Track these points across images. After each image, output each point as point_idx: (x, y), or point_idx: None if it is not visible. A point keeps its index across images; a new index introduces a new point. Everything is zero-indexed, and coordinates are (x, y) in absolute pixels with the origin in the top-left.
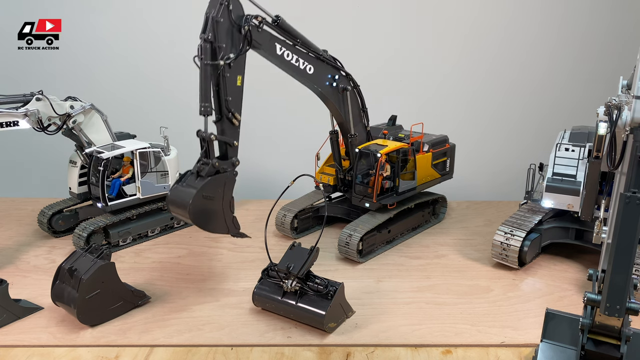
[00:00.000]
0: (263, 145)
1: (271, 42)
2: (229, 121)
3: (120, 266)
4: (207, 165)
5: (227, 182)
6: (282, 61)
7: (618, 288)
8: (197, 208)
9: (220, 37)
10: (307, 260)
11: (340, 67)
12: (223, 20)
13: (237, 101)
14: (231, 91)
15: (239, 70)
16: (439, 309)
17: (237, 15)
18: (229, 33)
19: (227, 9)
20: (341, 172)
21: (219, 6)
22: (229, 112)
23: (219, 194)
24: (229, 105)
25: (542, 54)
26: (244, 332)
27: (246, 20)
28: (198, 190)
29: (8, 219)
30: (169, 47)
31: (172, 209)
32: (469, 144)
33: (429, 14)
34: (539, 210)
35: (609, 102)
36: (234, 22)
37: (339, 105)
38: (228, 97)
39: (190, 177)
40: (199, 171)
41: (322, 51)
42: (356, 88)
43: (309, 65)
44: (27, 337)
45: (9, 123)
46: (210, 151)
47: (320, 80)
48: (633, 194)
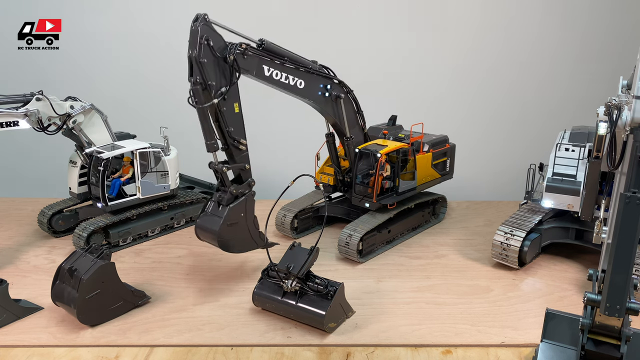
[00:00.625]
0: (263, 145)
1: (259, 65)
2: (236, 148)
3: (120, 266)
4: (226, 194)
5: (248, 204)
6: (271, 81)
7: (618, 288)
8: (225, 237)
9: (208, 76)
10: (307, 260)
11: (331, 76)
12: (207, 60)
13: (239, 128)
14: (231, 121)
15: (234, 99)
16: (439, 309)
17: (219, 47)
18: (216, 68)
19: (208, 47)
20: (340, 174)
21: (200, 46)
22: (234, 140)
23: (243, 218)
24: (232, 135)
25: (543, 54)
26: (244, 332)
27: (230, 50)
28: (223, 220)
29: (8, 219)
30: (168, 46)
31: (201, 236)
32: (469, 144)
33: (430, 14)
34: (539, 210)
35: (609, 102)
36: (219, 55)
37: (334, 113)
38: (230, 128)
39: (213, 206)
40: (220, 201)
41: (312, 62)
42: (350, 93)
43: (299, 80)
44: (27, 337)
45: (9, 123)
46: (226, 180)
47: (312, 92)
48: (633, 194)
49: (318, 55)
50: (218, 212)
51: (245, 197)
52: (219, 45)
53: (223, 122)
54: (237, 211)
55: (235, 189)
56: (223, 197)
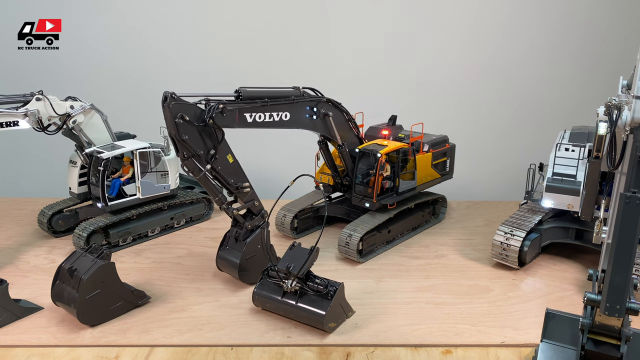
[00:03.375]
0: (263, 145)
1: (240, 115)
2: (241, 192)
3: (120, 266)
4: (242, 229)
5: (263, 234)
6: (256, 125)
7: (618, 288)
8: (245, 269)
9: (195, 147)
10: (307, 260)
11: (318, 98)
12: (189, 135)
13: (239, 175)
14: (229, 173)
15: (225, 152)
16: (439, 309)
17: (195, 116)
18: (199, 137)
19: (184, 123)
20: (338, 177)
21: (177, 125)
22: (236, 188)
23: (260, 250)
24: (234, 185)
25: (542, 54)
26: (244, 332)
27: (208, 114)
28: (242, 255)
29: (8, 219)
30: (168, 46)
31: (222, 268)
32: (469, 144)
33: (430, 14)
34: (539, 210)
35: (609, 102)
36: (198, 124)
37: (325, 130)
38: (230, 180)
39: (230, 241)
40: (237, 237)
41: (294, 89)
42: (338, 107)
43: (284, 113)
44: (27, 337)
45: (9, 123)
46: (238, 218)
47: (300, 119)
48: (633, 194)
49: (317, 55)
50: (236, 247)
51: (260, 229)
52: (194, 114)
53: (222, 178)
54: (254, 244)
55: (250, 224)
56: (240, 233)
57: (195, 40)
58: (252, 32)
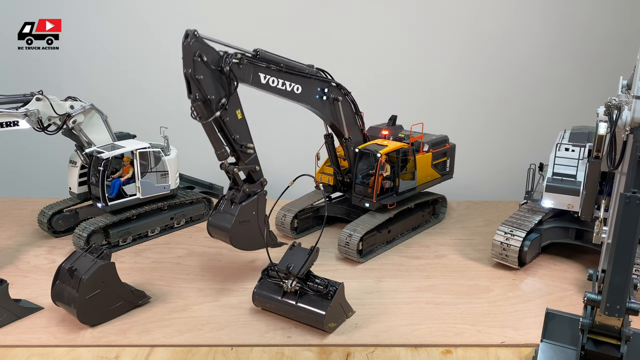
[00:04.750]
0: (263, 145)
1: (255, 73)
2: (244, 153)
3: (120, 266)
4: (238, 192)
5: (260, 203)
6: (268, 88)
7: (618, 288)
8: (237, 234)
9: (207, 91)
10: (307, 260)
11: (329, 80)
12: (204, 76)
13: (245, 133)
14: (235, 128)
15: (235, 106)
16: (439, 309)
17: (213, 60)
18: (213, 81)
19: (202, 63)
20: (340, 175)
21: (194, 63)
22: (241, 146)
23: (254, 216)
24: (239, 142)
25: (542, 54)
26: (244, 332)
27: (225, 61)
28: (235, 217)
29: (8, 219)
30: (168, 46)
31: (213, 233)
32: (469, 144)
33: (430, 14)
34: (539, 210)
35: (609, 102)
36: (214, 68)
37: (332, 116)
38: (235, 136)
39: (225, 204)
40: (233, 199)
41: (308, 67)
42: (348, 95)
43: (296, 85)
44: (27, 337)
45: (9, 123)
46: (238, 180)
47: (310, 97)
48: (633, 194)
49: (317, 55)
50: (230, 210)
51: (257, 195)
52: (212, 58)
53: (228, 131)
54: (249, 209)
55: (248, 188)
56: (236, 195)
57: None
58: (253, 32)
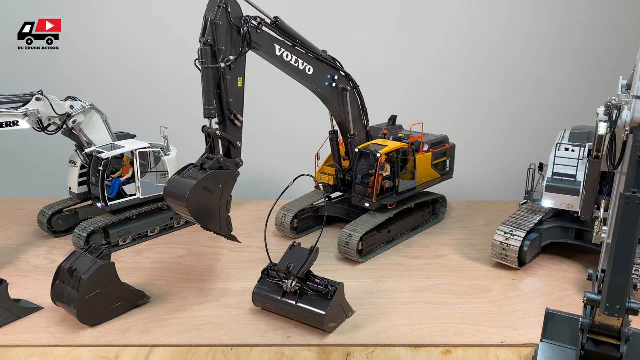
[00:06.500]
0: (263, 145)
1: (270, 43)
2: (232, 123)
3: (120, 266)
4: (211, 160)
5: (228, 180)
6: (281, 62)
7: (618, 288)
8: (195, 198)
9: (219, 40)
10: (307, 260)
11: (339, 68)
12: (222, 23)
13: (239, 103)
14: (232, 93)
15: (239, 71)
16: (439, 309)
17: (235, 17)
18: (228, 35)
19: (225, 12)
20: (341, 172)
21: (218, 9)
22: (231, 113)
23: (219, 190)
24: (231, 107)
25: (542, 53)
26: (244, 332)
27: (245, 22)
28: (200, 180)
29: (8, 219)
30: (168, 46)
31: (169, 199)
32: (469, 144)
33: (429, 13)
34: (539, 210)
35: (609, 102)
36: (233, 24)
37: (339, 106)
38: (229, 99)
39: (192, 170)
40: (203, 164)
41: (322, 52)
42: (356, 88)
43: (309, 65)
44: (27, 337)
45: (9, 123)
46: (216, 147)
47: (320, 80)
48: (633, 194)
49: None
50: (196, 175)
51: (229, 171)
52: (235, 14)
53: (224, 91)
54: (217, 179)
55: (223, 159)
56: (207, 162)
57: (196, 40)
58: None
